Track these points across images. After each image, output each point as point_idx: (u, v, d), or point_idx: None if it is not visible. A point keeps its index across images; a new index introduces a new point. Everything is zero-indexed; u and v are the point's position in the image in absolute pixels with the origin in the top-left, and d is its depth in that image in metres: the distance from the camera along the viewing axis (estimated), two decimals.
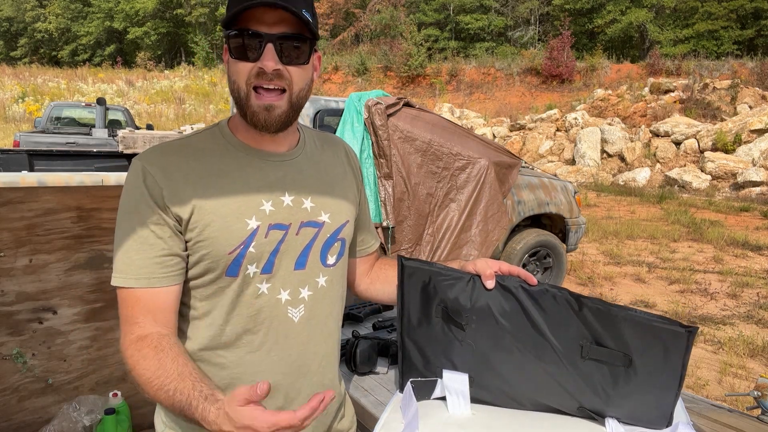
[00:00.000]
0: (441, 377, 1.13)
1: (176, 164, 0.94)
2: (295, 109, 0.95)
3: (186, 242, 0.94)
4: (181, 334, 1.00)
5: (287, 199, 0.99)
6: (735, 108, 15.20)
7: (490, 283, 1.04)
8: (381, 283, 1.24)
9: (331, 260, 1.06)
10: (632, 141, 14.73)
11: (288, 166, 1.01)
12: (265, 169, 0.99)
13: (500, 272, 1.05)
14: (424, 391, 1.15)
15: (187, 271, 0.96)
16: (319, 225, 1.02)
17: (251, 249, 0.94)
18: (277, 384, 1.00)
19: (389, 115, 4.05)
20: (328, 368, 1.09)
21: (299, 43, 0.92)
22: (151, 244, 0.91)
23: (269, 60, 0.89)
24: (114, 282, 0.92)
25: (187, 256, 0.95)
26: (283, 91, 0.92)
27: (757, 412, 1.30)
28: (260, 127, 0.93)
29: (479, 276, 1.04)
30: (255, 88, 0.91)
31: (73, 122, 11.45)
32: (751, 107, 14.89)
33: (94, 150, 6.06)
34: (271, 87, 0.91)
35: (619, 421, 1.04)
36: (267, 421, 0.74)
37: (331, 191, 1.06)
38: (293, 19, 0.90)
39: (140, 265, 0.91)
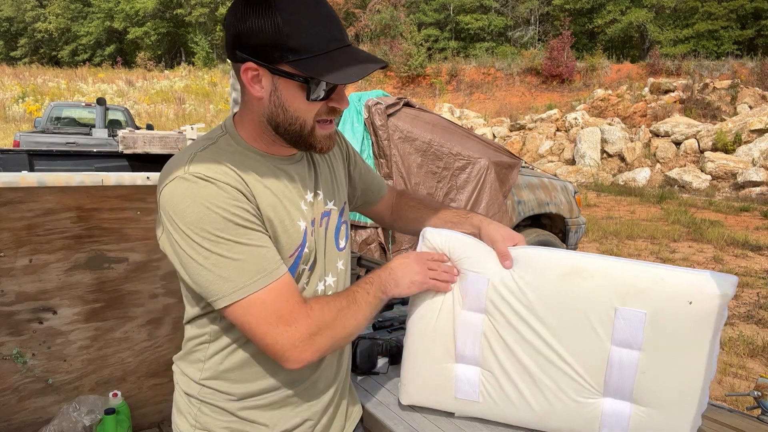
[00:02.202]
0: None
1: (230, 171, 0.90)
2: None
3: None
4: (224, 335, 0.99)
5: (309, 196, 1.03)
6: (735, 108, 15.20)
7: (507, 264, 1.12)
8: (403, 222, 1.37)
9: (342, 243, 1.11)
10: (632, 141, 14.73)
11: (300, 165, 1.04)
12: (288, 173, 1.01)
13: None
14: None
15: None
16: (328, 213, 1.08)
17: (306, 249, 0.99)
18: (321, 371, 1.06)
19: (389, 115, 4.05)
20: (347, 350, 1.18)
21: None
22: (266, 234, 0.92)
23: (346, 102, 0.95)
24: (260, 285, 0.87)
25: None
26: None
27: (757, 412, 1.30)
28: (324, 151, 0.99)
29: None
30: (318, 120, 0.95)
31: (73, 122, 11.45)
32: (751, 107, 14.89)
33: (94, 150, 6.05)
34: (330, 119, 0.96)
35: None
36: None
37: (332, 179, 1.12)
38: None
39: (273, 255, 0.90)
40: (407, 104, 4.29)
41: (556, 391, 1.08)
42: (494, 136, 17.50)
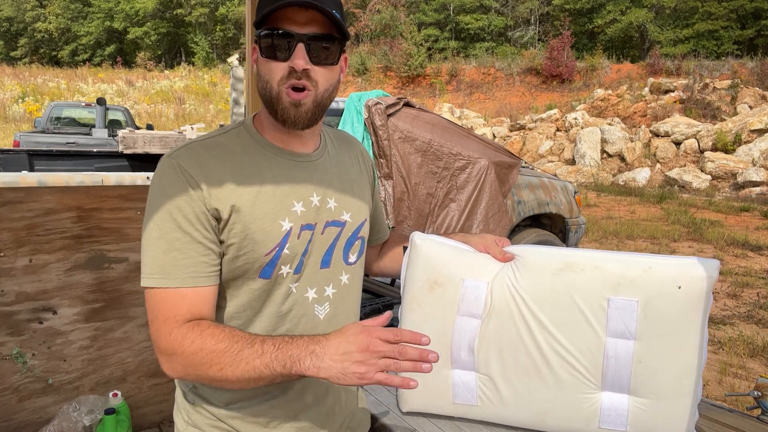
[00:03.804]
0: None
1: (212, 165, 0.93)
2: (321, 108, 0.96)
3: (221, 243, 0.94)
4: None
5: (315, 199, 1.01)
6: (735, 108, 15.20)
7: (509, 257, 1.14)
8: (388, 259, 1.32)
9: (352, 258, 1.08)
10: (632, 141, 14.73)
11: (314, 166, 1.03)
12: (294, 170, 1.00)
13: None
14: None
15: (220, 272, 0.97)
16: (341, 224, 1.05)
17: (285, 250, 0.96)
18: (306, 383, 1.02)
19: (389, 115, 4.05)
20: None
21: (329, 44, 0.93)
22: (198, 242, 0.90)
23: (300, 59, 0.90)
24: (155, 283, 0.89)
25: (222, 256, 0.96)
26: (309, 90, 0.93)
27: (757, 412, 1.30)
28: (290, 123, 0.94)
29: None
30: (287, 87, 0.93)
31: (73, 122, 11.45)
32: (751, 107, 14.89)
33: (94, 150, 6.05)
34: (300, 86, 0.92)
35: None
36: (382, 331, 0.80)
37: (351, 191, 1.08)
38: (324, 19, 0.91)
39: (186, 264, 0.89)
40: (407, 104, 4.29)
41: (555, 388, 1.09)
42: (494, 136, 17.49)
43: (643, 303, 1.03)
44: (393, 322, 1.83)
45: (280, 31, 0.90)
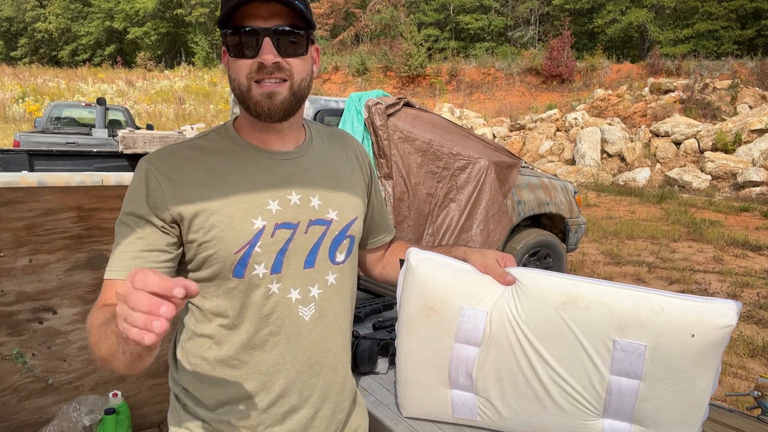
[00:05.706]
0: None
1: (180, 166, 0.95)
2: (298, 98, 0.95)
3: (190, 243, 0.94)
4: (195, 336, 1.00)
5: (294, 197, 0.99)
6: (735, 108, 15.19)
7: (510, 279, 1.09)
8: (392, 268, 1.27)
9: (340, 257, 1.05)
10: (632, 141, 14.73)
11: (295, 164, 1.02)
12: (271, 168, 0.99)
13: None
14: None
15: (194, 272, 0.98)
16: (327, 223, 1.02)
17: (257, 249, 0.95)
18: (290, 383, 1.01)
19: (389, 115, 4.05)
20: (340, 365, 1.09)
21: (296, 35, 0.92)
22: (140, 238, 0.92)
23: (268, 53, 0.90)
24: (105, 275, 0.93)
25: (182, 256, 0.97)
26: (284, 80, 0.93)
27: (757, 412, 1.30)
28: (264, 115, 0.93)
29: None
30: (256, 81, 0.92)
31: (73, 122, 11.45)
32: (751, 107, 14.89)
33: (94, 150, 6.05)
34: (273, 80, 0.92)
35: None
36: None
37: (339, 188, 1.06)
38: (287, 10, 0.91)
39: (123, 257, 0.92)
40: (407, 104, 4.29)
41: (556, 414, 1.07)
42: (494, 136, 17.49)
43: (651, 348, 0.97)
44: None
45: (245, 29, 0.90)
